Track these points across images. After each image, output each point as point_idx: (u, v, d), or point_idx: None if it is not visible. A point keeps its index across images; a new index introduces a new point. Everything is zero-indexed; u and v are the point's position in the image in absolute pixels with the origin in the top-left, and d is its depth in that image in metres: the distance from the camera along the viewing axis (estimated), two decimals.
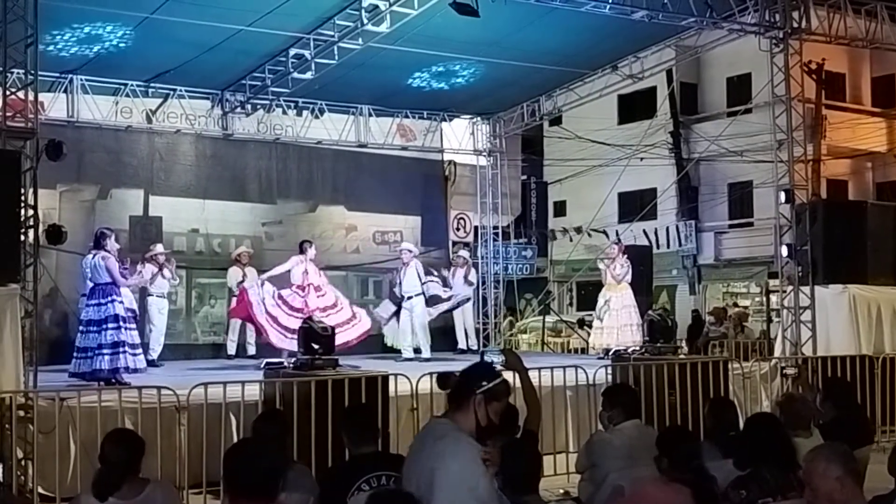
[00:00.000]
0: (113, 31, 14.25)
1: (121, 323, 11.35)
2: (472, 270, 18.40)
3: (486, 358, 12.70)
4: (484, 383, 4.58)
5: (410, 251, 16.56)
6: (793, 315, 14.54)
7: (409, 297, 16.11)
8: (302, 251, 15.09)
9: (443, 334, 18.16)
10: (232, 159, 17.85)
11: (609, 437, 7.03)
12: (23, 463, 9.12)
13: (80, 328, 11.57)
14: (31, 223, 10.25)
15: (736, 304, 27.17)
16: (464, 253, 18.90)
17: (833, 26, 15.42)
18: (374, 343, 16.18)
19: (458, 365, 13.35)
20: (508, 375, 7.02)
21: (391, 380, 10.09)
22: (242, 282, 15.96)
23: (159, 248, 15.29)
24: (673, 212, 30.27)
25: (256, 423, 6.51)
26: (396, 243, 18.90)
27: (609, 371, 11.92)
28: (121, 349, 11.26)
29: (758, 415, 6.59)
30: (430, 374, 10.50)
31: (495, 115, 20.17)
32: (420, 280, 16.14)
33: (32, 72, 10.42)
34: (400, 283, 16.25)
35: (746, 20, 14.79)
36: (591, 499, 6.87)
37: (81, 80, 15.89)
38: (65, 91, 15.92)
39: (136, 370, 11.47)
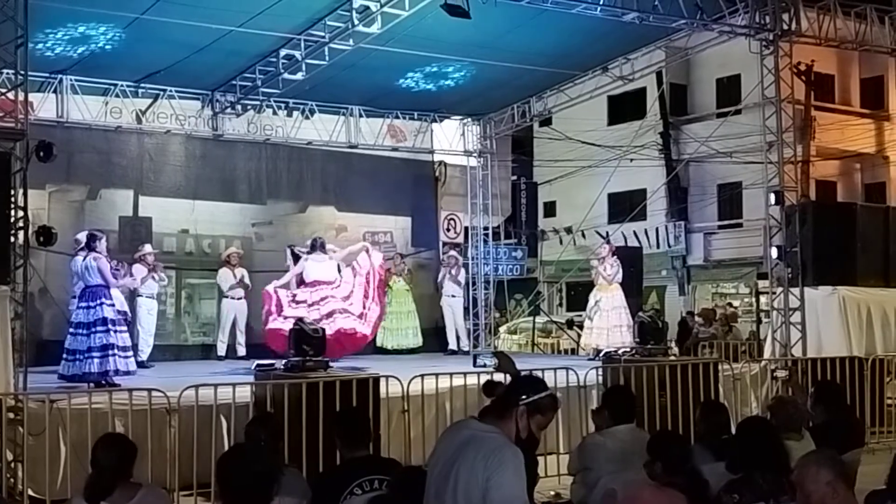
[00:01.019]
0: (103, 31, 14.18)
1: (110, 326, 11.33)
2: (462, 270, 18.45)
3: (479, 360, 12.77)
4: (530, 395, 4.58)
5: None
6: (782, 316, 14.57)
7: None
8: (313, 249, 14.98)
9: (433, 335, 18.20)
10: (222, 160, 17.80)
11: (602, 439, 7.02)
12: (12, 465, 9.09)
13: (70, 330, 11.55)
14: (21, 224, 10.21)
15: (730, 305, 27.24)
16: (453, 253, 18.93)
17: (823, 28, 15.47)
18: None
19: (447, 365, 13.43)
20: (500, 377, 7.04)
21: (382, 382, 10.08)
22: (237, 283, 15.85)
23: (148, 248, 15.26)
24: (662, 212, 30.34)
25: (249, 427, 6.50)
26: (387, 244, 18.91)
27: (600, 372, 11.92)
28: (110, 352, 11.25)
29: (750, 418, 6.61)
30: (421, 375, 10.54)
31: (486, 116, 20.16)
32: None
33: (22, 72, 10.38)
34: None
35: (737, 22, 14.82)
36: (583, 502, 6.87)
37: (71, 80, 15.83)
38: (54, 91, 15.85)
39: (126, 373, 11.46)
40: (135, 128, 16.83)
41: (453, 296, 18.30)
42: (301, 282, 14.52)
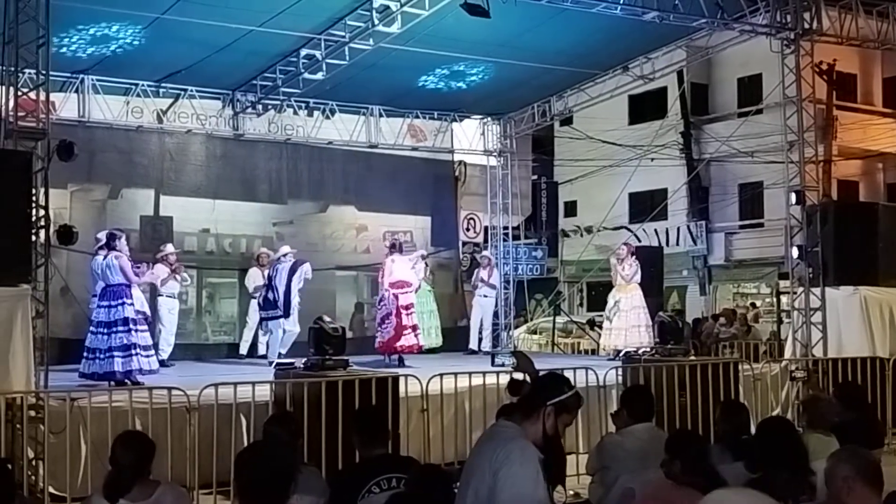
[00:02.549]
0: (124, 30, 14.26)
1: (131, 325, 11.38)
2: (495, 271, 18.51)
3: (498, 359, 12.78)
4: (556, 395, 4.58)
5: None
6: (803, 316, 14.49)
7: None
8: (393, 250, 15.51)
9: (453, 334, 18.17)
10: (242, 159, 17.87)
11: (620, 439, 7.00)
12: (34, 463, 9.14)
13: (91, 329, 11.60)
14: (42, 223, 10.25)
15: (754, 305, 27.13)
16: (488, 253, 18.99)
17: (844, 27, 15.36)
18: None
19: (466, 365, 13.44)
20: (519, 377, 7.02)
21: (401, 381, 10.09)
22: (261, 285, 15.93)
23: (170, 248, 15.31)
24: (684, 212, 30.23)
25: (267, 425, 6.51)
26: (407, 243, 18.88)
27: (619, 372, 11.90)
28: (133, 351, 11.29)
29: (771, 418, 6.59)
30: (440, 375, 10.54)
31: (506, 116, 20.15)
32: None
33: (44, 72, 10.43)
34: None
35: (758, 21, 14.74)
36: (602, 501, 6.85)
37: (92, 80, 15.92)
38: (76, 91, 15.94)
39: (150, 371, 11.52)
40: (156, 127, 16.91)
41: (485, 296, 18.38)
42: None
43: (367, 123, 18.83)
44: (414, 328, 15.00)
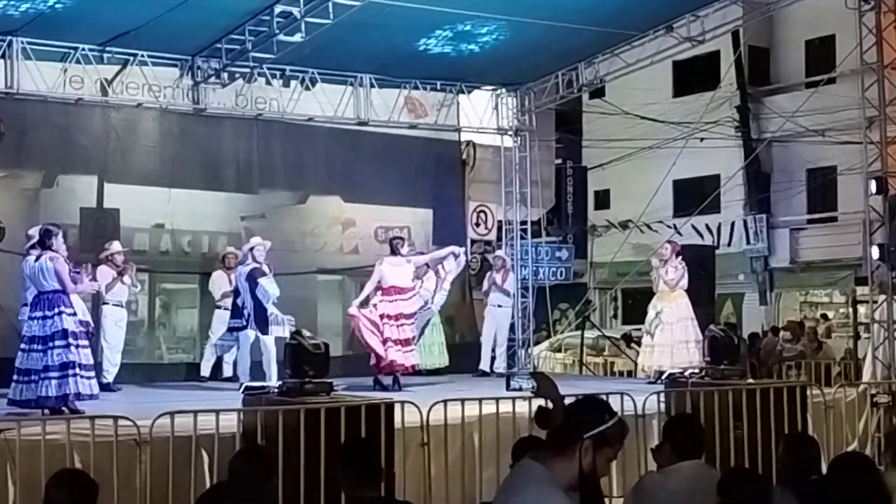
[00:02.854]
0: None
1: (70, 339, 11.35)
2: (511, 276, 18.47)
3: (514, 383, 12.78)
4: (596, 425, 4.56)
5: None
6: (885, 330, 14.48)
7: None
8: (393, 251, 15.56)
9: (461, 352, 18.15)
10: (204, 139, 17.89)
11: (662, 479, 6.98)
12: None
13: (22, 346, 11.55)
14: None
15: (825, 317, 27.11)
16: (500, 254, 18.95)
17: None
18: None
19: (475, 389, 13.41)
20: (540, 403, 7.02)
21: (397, 408, 10.09)
22: (227, 291, 15.95)
23: (116, 246, 15.32)
24: (740, 204, 30.21)
25: (234, 462, 6.51)
26: (404, 242, 18.88)
27: (661, 399, 11.89)
28: (70, 371, 11.26)
29: (846, 454, 6.59)
30: (444, 401, 10.54)
31: (524, 86, 20.14)
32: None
33: None
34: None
35: None
36: None
37: (23, 42, 15.92)
38: (2, 56, 15.97)
39: (89, 396, 11.48)
40: (99, 100, 16.92)
41: (499, 306, 18.34)
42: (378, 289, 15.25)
43: (356, 96, 18.83)
44: (403, 342, 14.94)
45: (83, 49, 16.48)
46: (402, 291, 15.22)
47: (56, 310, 11.44)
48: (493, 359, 18.24)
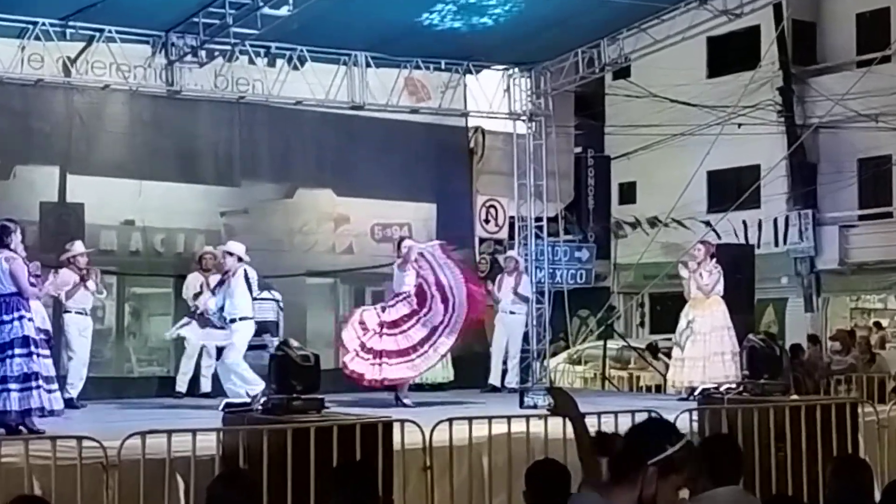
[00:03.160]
0: None
1: (32, 348, 11.35)
2: (525, 279, 18.42)
3: (528, 400, 12.79)
4: (660, 451, 4.55)
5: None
6: None
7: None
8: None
9: (468, 364, 18.13)
10: (179, 125, 17.92)
11: None
12: None
13: None
14: None
15: (879, 325, 27.06)
16: (513, 254, 18.92)
17: None
18: None
19: (484, 406, 13.39)
20: (558, 423, 7.02)
21: (396, 428, 10.09)
22: (200, 293, 16.01)
23: (79, 247, 15.29)
24: (782, 198, 30.20)
25: (213, 487, 6.50)
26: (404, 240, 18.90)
27: (694, 417, 11.88)
28: (34, 383, 11.25)
29: None
30: (449, 420, 10.54)
31: (539, 66, 20.16)
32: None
33: None
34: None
35: None
36: None
37: None
38: None
39: (51, 412, 11.48)
40: (61, 81, 16.94)
41: (511, 313, 18.29)
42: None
43: (350, 76, 18.84)
44: (378, 353, 14.90)
45: (43, 24, 16.47)
46: (395, 296, 15.24)
47: (14, 314, 11.40)
48: (504, 372, 18.17)
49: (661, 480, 4.49)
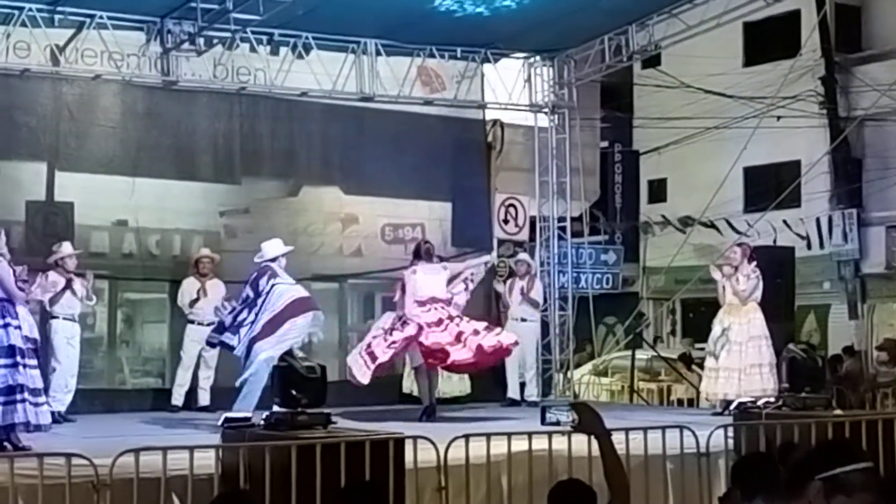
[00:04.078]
0: None
1: (18, 358, 11.38)
2: (538, 283, 18.38)
3: (550, 416, 12.76)
4: (830, 467, 4.56)
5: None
6: None
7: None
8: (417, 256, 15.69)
9: (489, 376, 18.11)
10: (176, 118, 17.93)
11: None
12: None
13: None
14: None
15: None
16: (524, 257, 18.86)
17: None
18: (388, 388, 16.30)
19: (503, 422, 13.36)
20: (582, 440, 7.03)
21: (408, 445, 10.10)
22: (197, 300, 16.06)
23: (66, 248, 15.30)
24: (825, 196, 30.12)
25: None
26: (415, 241, 18.89)
27: (729, 433, 11.88)
28: (18, 396, 11.28)
29: None
30: (465, 436, 10.54)
31: (562, 54, 20.17)
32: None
33: None
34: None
35: None
36: None
37: None
38: None
39: (36, 427, 11.50)
40: (49, 71, 16.98)
41: (524, 320, 18.25)
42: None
43: (359, 65, 18.87)
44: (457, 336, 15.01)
45: (29, 9, 16.50)
46: (439, 303, 15.19)
47: (1, 321, 11.46)
48: (522, 385, 18.17)
49: (828, 499, 4.51)
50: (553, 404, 14.64)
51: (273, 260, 14.62)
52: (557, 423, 11.75)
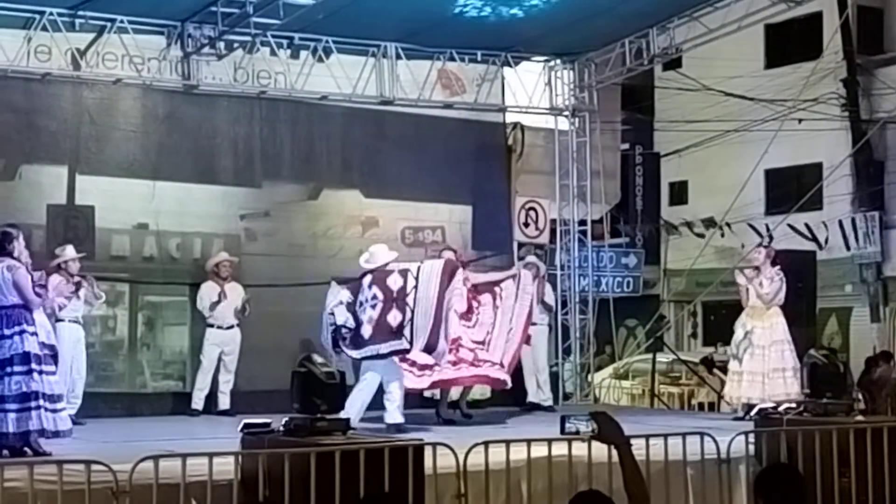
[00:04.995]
0: None
1: (33, 365, 11.34)
2: (548, 287, 18.30)
3: (570, 425, 12.74)
4: None
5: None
6: None
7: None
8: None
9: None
10: (196, 122, 17.95)
11: None
12: None
13: None
14: None
15: None
16: (533, 259, 18.75)
17: None
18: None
19: (523, 427, 13.33)
20: (602, 446, 7.00)
21: (427, 451, 10.07)
22: (218, 302, 16.05)
23: (70, 252, 15.15)
24: (847, 198, 30.04)
25: None
26: (436, 244, 18.89)
27: (751, 439, 11.83)
28: (33, 403, 11.27)
29: None
30: (485, 443, 10.51)
31: (583, 57, 20.14)
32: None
33: None
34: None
35: None
36: None
37: None
38: None
39: (55, 433, 11.50)
40: (70, 75, 17.00)
41: (535, 324, 18.17)
42: None
43: (379, 69, 18.87)
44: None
45: (50, 14, 16.51)
46: (464, 318, 15.17)
47: (16, 328, 11.41)
48: (539, 386, 18.06)
49: None
50: (573, 413, 14.66)
51: (384, 266, 14.54)
52: (577, 433, 11.78)
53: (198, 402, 16.59)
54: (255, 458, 9.77)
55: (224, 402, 16.47)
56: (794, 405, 12.93)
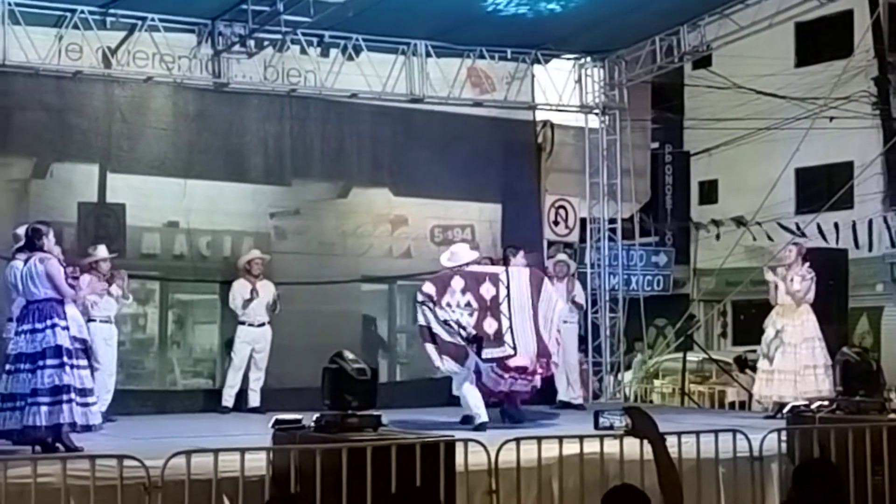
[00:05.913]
0: None
1: (64, 358, 11.39)
2: (577, 285, 18.26)
3: (603, 420, 12.71)
4: None
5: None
6: None
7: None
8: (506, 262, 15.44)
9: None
10: (226, 120, 17.98)
11: None
12: None
13: (7, 367, 11.59)
14: None
15: None
16: (563, 257, 18.70)
17: None
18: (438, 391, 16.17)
19: (555, 424, 13.30)
20: (634, 443, 6.99)
21: (459, 448, 10.07)
22: (251, 300, 16.07)
23: (102, 252, 15.23)
24: (878, 197, 29.91)
25: None
26: (466, 242, 18.85)
27: (783, 437, 11.78)
28: (64, 396, 11.29)
29: None
30: (516, 440, 10.49)
31: (613, 55, 20.12)
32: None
33: None
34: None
35: None
36: None
37: (10, 5, 16.06)
38: None
39: (87, 427, 11.52)
40: (101, 73, 17.06)
41: (565, 322, 18.12)
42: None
43: (409, 67, 18.87)
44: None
45: (82, 12, 16.55)
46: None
47: (48, 322, 11.45)
48: (569, 384, 18.01)
49: None
50: (606, 409, 14.62)
51: (467, 265, 14.60)
52: (611, 428, 11.73)
53: (228, 400, 16.65)
54: (286, 455, 9.80)
55: (254, 399, 16.52)
56: (826, 403, 12.88)
